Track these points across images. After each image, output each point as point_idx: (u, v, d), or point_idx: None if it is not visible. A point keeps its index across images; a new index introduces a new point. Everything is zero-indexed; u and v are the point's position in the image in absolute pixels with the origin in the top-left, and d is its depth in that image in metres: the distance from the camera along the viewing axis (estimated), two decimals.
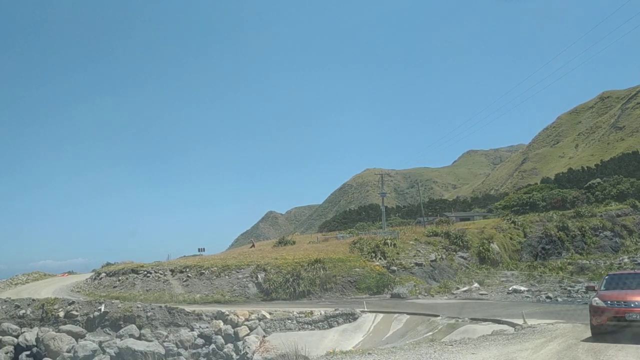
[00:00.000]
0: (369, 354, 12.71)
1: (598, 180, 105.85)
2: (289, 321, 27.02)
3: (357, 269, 36.31)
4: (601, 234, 57.76)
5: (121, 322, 28.45)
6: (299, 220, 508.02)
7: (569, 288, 34.85)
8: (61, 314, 30.06)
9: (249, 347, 24.76)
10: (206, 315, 28.43)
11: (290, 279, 34.83)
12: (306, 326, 26.57)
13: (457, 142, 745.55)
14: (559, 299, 30.79)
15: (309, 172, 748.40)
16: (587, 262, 47.12)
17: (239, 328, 26.75)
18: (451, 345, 12.95)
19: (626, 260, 47.87)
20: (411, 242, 44.96)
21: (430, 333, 20.69)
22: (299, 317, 27.20)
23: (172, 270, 40.17)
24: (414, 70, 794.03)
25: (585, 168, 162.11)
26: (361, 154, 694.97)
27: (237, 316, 27.43)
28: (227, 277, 37.04)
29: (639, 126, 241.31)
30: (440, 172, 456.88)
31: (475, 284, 37.05)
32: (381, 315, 26.09)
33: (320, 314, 27.00)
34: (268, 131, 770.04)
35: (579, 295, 31.83)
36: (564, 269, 43.79)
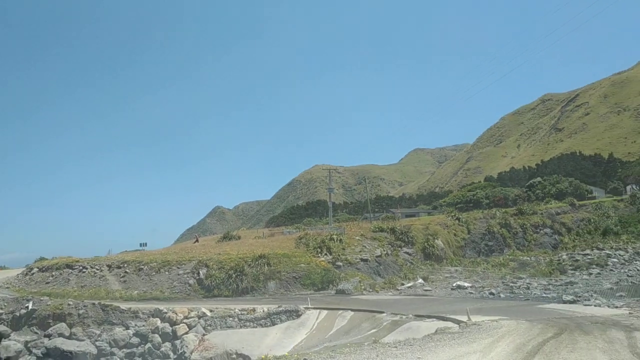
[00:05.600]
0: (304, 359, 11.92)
1: (539, 179, 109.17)
2: (231, 319, 26.09)
3: (302, 265, 35.68)
4: (541, 231, 59.34)
5: (50, 321, 26.78)
6: (247, 215, 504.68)
7: (511, 284, 35.34)
8: None
9: (187, 346, 23.67)
10: (143, 313, 27.13)
11: (233, 275, 33.82)
12: (248, 324, 25.71)
13: (404, 140, 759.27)
14: (502, 295, 31.10)
15: (258, 167, 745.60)
16: (528, 258, 48.19)
17: (177, 326, 25.63)
18: (395, 347, 12.35)
19: (564, 257, 49.18)
20: (357, 238, 44.69)
21: (375, 330, 20.26)
22: (241, 314, 26.30)
23: (109, 266, 38.44)
24: (363, 69, 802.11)
25: (527, 167, 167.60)
26: (310, 150, 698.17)
27: (176, 314, 26.30)
28: (167, 273, 35.65)
29: (577, 128, 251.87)
30: (387, 169, 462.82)
31: (420, 280, 37.07)
32: (325, 311, 25.50)
33: (263, 311, 26.19)
34: (215, 123, 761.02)
35: (521, 292, 32.31)
36: (506, 265, 44.55)
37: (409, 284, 35.86)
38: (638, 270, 40.86)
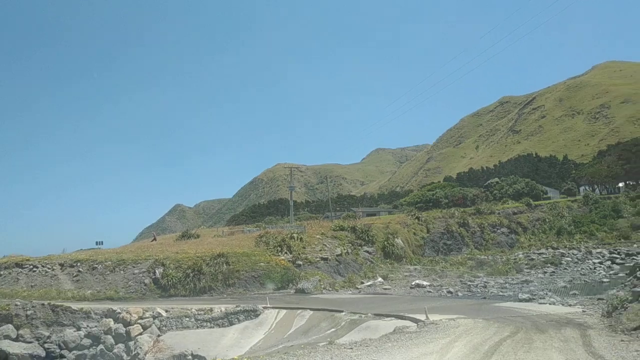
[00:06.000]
0: None
1: (496, 179, 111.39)
2: (187, 319, 25.48)
3: (261, 264, 35.23)
4: (498, 231, 60.47)
5: None
6: (208, 214, 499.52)
7: (468, 283, 35.77)
8: None
9: (140, 348, 22.95)
10: (95, 314, 26.21)
11: (191, 274, 33.12)
12: (205, 324, 25.17)
13: (366, 140, 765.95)
14: (460, 294, 31.41)
15: (219, 165, 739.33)
16: (486, 257, 48.98)
17: (131, 327, 24.82)
18: (350, 348, 12.09)
19: (521, 255, 50.19)
20: (318, 237, 44.51)
21: (334, 329, 20.09)
22: (198, 314, 25.73)
23: (61, 265, 37.05)
24: (326, 69, 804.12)
25: (485, 168, 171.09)
26: (273, 149, 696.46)
27: (130, 314, 25.48)
28: (122, 272, 34.64)
29: (534, 130, 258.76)
30: (349, 168, 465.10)
31: (379, 279, 37.16)
32: (284, 311, 25.24)
33: (221, 310, 25.70)
34: (178, 122, 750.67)
35: (478, 290, 32.71)
36: (464, 264, 45.14)
37: (369, 283, 35.89)
38: (590, 268, 41.99)
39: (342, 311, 22.74)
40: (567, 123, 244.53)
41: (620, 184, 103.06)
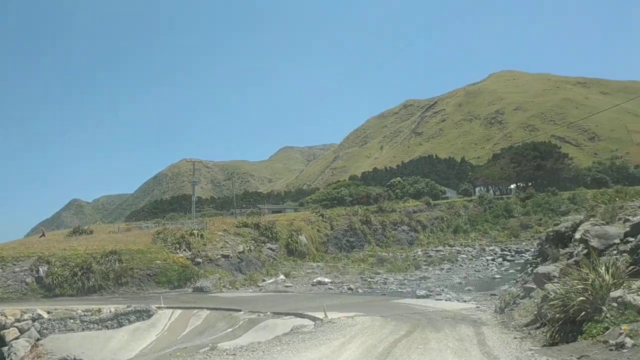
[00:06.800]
0: None
1: (398, 179, 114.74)
2: (72, 321, 23.57)
3: (158, 262, 33.60)
4: (399, 228, 62.05)
5: None
6: (108, 209, 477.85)
7: (369, 279, 36.14)
8: None
9: (15, 354, 20.89)
10: None
11: (79, 273, 30.87)
12: (92, 326, 23.39)
13: (274, 137, 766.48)
14: (360, 290, 31.59)
15: (119, 159, 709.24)
16: (387, 254, 49.92)
17: (6, 331, 22.61)
18: (233, 354, 11.28)
19: (419, 253, 51.63)
20: (220, 233, 43.25)
21: (231, 329, 19.31)
22: (85, 315, 23.89)
23: None
24: (236, 63, 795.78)
25: (388, 168, 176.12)
26: (178, 144, 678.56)
27: (5, 316, 23.20)
28: (0, 270, 31.68)
29: (435, 133, 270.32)
30: (257, 166, 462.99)
31: (282, 276, 36.69)
32: (179, 311, 24.03)
33: (110, 311, 24.03)
34: (83, 114, 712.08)
35: (378, 287, 33.10)
36: (365, 261, 45.73)
37: (271, 280, 35.31)
38: (484, 265, 43.91)
39: (240, 310, 22.01)
40: (465, 127, 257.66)
41: (512, 186, 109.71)
